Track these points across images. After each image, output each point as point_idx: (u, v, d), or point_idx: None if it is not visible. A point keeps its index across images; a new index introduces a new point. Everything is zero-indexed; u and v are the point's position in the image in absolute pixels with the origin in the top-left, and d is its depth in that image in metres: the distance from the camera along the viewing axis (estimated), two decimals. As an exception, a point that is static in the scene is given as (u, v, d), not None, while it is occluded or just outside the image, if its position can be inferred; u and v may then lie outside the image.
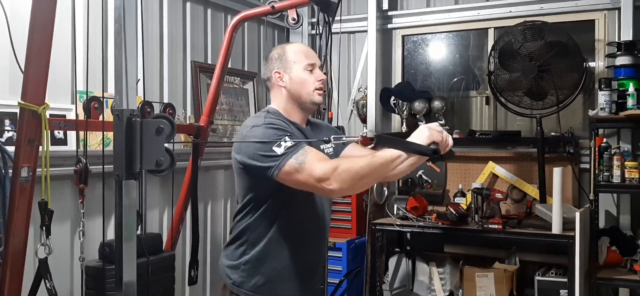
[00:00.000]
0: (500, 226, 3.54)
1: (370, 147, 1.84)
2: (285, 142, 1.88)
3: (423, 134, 1.83)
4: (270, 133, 1.93)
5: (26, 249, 2.33)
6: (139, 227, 3.09)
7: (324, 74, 2.71)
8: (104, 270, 2.69)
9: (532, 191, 3.99)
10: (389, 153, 1.83)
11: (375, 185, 4.02)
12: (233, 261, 2.08)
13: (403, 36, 4.71)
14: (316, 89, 2.09)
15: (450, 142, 1.88)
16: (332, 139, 1.89)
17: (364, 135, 1.82)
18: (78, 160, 2.53)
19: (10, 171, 2.30)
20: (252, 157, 1.94)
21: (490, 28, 4.38)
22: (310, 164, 1.84)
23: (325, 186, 1.82)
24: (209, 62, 4.04)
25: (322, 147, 2.14)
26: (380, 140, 1.85)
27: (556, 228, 3.40)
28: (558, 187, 3.40)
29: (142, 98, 2.94)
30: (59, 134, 2.97)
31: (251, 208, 2.05)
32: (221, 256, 2.15)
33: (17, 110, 2.28)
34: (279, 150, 1.87)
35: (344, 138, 1.88)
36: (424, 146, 1.83)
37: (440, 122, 4.27)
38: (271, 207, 2.02)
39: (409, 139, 1.86)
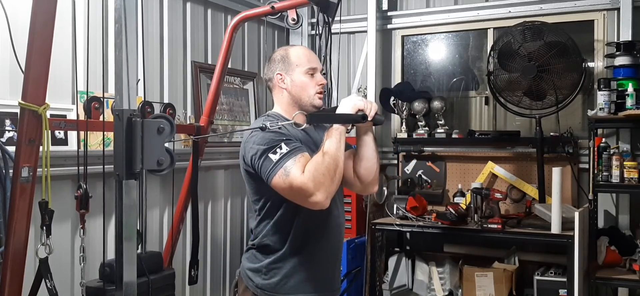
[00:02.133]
0: (499, 226, 3.55)
1: (303, 127, 1.94)
2: (281, 148, 1.90)
3: (348, 105, 2.02)
4: (268, 137, 1.95)
5: (27, 249, 2.33)
6: (139, 246, 3.08)
7: (324, 74, 2.70)
8: (104, 290, 2.68)
9: (532, 191, 4.00)
10: (332, 134, 1.95)
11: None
12: (254, 264, 2.11)
13: (403, 36, 4.71)
14: (317, 93, 2.14)
15: (375, 107, 2.04)
16: (268, 126, 1.93)
17: (298, 115, 1.91)
18: (78, 186, 2.52)
19: (11, 171, 2.31)
20: (253, 163, 1.98)
21: (489, 28, 4.39)
22: (294, 179, 1.86)
23: (313, 199, 1.86)
24: (209, 62, 4.04)
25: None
26: (312, 118, 2.00)
27: (555, 228, 3.41)
28: (557, 186, 3.41)
29: (143, 99, 2.95)
30: (60, 134, 2.98)
31: (267, 213, 2.07)
32: (243, 260, 2.18)
33: (18, 110, 2.28)
34: (274, 157, 1.90)
35: (280, 123, 1.96)
36: (353, 114, 2.00)
37: (440, 122, 4.29)
38: (286, 210, 2.03)
39: (337, 112, 2.02)
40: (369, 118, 2.02)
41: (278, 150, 1.90)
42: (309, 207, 1.91)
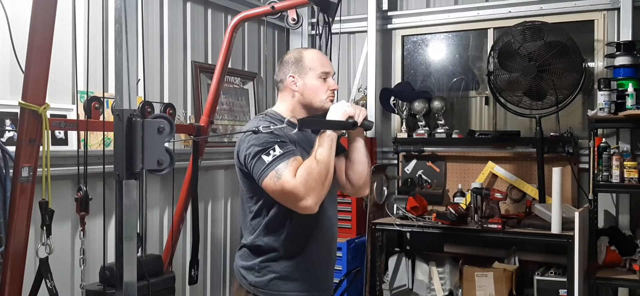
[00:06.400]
0: (499, 226, 3.54)
1: (294, 131, 1.94)
2: (274, 150, 1.91)
3: (338, 111, 2.05)
4: (263, 138, 1.95)
5: (27, 249, 2.33)
6: (140, 249, 3.08)
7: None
8: (104, 294, 2.67)
9: (532, 191, 4.00)
10: (323, 140, 1.96)
11: (375, 184, 4.03)
12: (247, 262, 2.12)
13: (403, 36, 4.71)
14: (328, 98, 2.14)
15: (364, 112, 2.07)
16: (260, 129, 1.91)
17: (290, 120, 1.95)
18: (78, 188, 2.52)
19: (11, 171, 2.31)
20: (246, 163, 1.99)
21: (489, 28, 4.39)
22: (285, 182, 1.87)
23: (303, 204, 1.89)
24: (209, 62, 4.04)
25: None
26: (303, 123, 1.99)
27: (555, 228, 3.40)
28: (557, 186, 3.40)
29: (143, 99, 2.95)
30: (60, 134, 2.98)
31: (260, 212, 2.08)
32: (236, 258, 2.19)
33: (18, 110, 2.28)
34: (267, 159, 1.91)
35: (272, 127, 1.93)
36: (343, 121, 2.03)
37: (440, 122, 4.29)
38: (280, 210, 2.04)
39: (327, 119, 2.04)
40: (359, 125, 2.04)
41: (271, 151, 1.91)
42: (298, 210, 1.93)
